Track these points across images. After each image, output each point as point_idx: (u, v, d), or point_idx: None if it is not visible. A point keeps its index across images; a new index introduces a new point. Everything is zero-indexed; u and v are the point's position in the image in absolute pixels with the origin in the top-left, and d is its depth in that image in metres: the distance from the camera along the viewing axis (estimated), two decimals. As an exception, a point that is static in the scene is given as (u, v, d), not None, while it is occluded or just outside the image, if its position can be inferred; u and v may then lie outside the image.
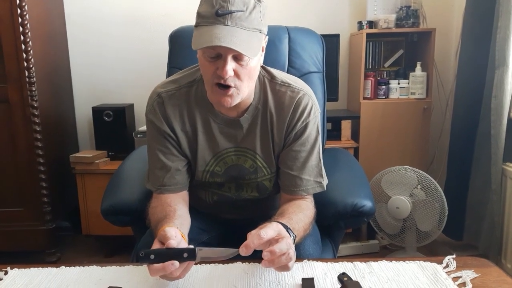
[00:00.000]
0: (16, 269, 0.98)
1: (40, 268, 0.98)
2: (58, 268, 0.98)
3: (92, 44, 2.66)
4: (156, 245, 0.86)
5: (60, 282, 0.92)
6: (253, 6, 0.94)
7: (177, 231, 0.89)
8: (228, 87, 0.97)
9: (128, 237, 1.78)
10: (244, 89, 1.00)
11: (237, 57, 0.95)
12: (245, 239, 0.83)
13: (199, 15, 0.96)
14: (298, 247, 1.02)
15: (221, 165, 1.15)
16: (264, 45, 1.04)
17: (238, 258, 0.98)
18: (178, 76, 1.15)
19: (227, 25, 0.91)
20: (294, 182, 1.11)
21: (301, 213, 1.03)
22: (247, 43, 0.92)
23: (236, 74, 0.97)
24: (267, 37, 1.04)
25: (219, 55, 0.94)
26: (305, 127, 1.10)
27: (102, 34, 2.65)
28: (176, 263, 0.80)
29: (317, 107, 1.13)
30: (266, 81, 1.12)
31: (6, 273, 0.96)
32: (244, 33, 0.92)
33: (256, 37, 0.95)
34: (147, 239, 1.15)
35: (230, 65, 0.94)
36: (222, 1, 0.91)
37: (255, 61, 0.99)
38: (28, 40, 2.09)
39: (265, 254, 0.81)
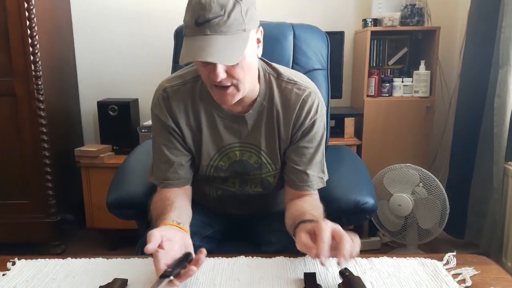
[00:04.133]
0: (23, 260, 0.99)
1: (47, 259, 1.00)
2: (65, 259, 0.99)
3: (97, 39, 2.68)
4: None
5: (67, 273, 0.93)
6: (232, 7, 0.91)
7: (164, 231, 0.89)
8: (225, 87, 0.98)
9: (132, 231, 1.79)
10: (243, 85, 1.00)
11: None
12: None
13: (184, 25, 0.95)
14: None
15: (225, 160, 1.16)
16: (260, 36, 1.02)
17: (241, 252, 1.00)
18: (183, 71, 1.16)
19: (206, 35, 0.90)
20: (301, 177, 1.12)
21: (317, 209, 1.05)
22: (228, 50, 0.91)
23: (230, 75, 0.96)
24: (261, 28, 1.02)
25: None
26: (312, 124, 1.11)
27: (107, 29, 2.66)
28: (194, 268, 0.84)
29: (323, 104, 1.14)
30: (272, 78, 1.12)
31: (14, 263, 0.98)
32: (224, 39, 0.91)
33: (239, 39, 0.93)
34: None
35: (221, 68, 0.94)
36: (200, 9, 0.89)
37: (248, 56, 0.97)
38: (34, 34, 2.11)
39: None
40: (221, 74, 0.94)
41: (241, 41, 0.94)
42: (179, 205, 1.05)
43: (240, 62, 0.95)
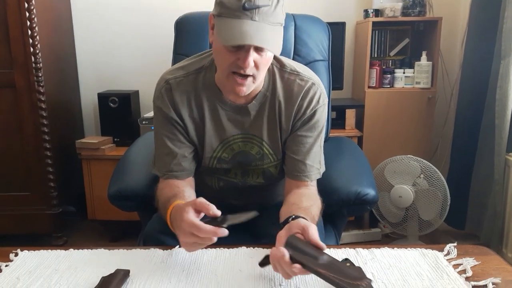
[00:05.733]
0: (26, 251, 1.00)
1: (49, 250, 1.00)
2: (67, 250, 1.00)
3: (97, 30, 2.66)
4: (191, 213, 0.89)
5: (69, 264, 0.94)
6: (277, 0, 0.94)
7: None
8: (246, 76, 0.99)
9: (133, 223, 1.81)
10: (260, 77, 1.03)
11: (258, 48, 0.96)
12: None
13: (223, 5, 0.95)
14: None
15: (228, 152, 1.16)
16: None
17: (243, 243, 1.01)
18: (186, 62, 1.16)
19: (254, 21, 0.92)
20: (299, 167, 1.13)
21: (314, 205, 1.05)
22: (274, 39, 0.95)
23: (256, 65, 0.98)
24: None
25: (241, 45, 0.95)
26: (313, 114, 1.11)
27: (107, 20, 2.65)
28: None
29: (325, 96, 1.14)
30: (275, 69, 1.13)
31: (16, 255, 0.99)
32: (270, 29, 0.94)
33: (279, 32, 0.97)
34: (153, 224, 1.18)
35: (252, 56, 0.95)
36: None
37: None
38: (34, 25, 2.09)
39: None
40: (251, 63, 0.96)
41: (280, 34, 0.98)
42: (189, 196, 1.07)
43: (266, 54, 0.99)
